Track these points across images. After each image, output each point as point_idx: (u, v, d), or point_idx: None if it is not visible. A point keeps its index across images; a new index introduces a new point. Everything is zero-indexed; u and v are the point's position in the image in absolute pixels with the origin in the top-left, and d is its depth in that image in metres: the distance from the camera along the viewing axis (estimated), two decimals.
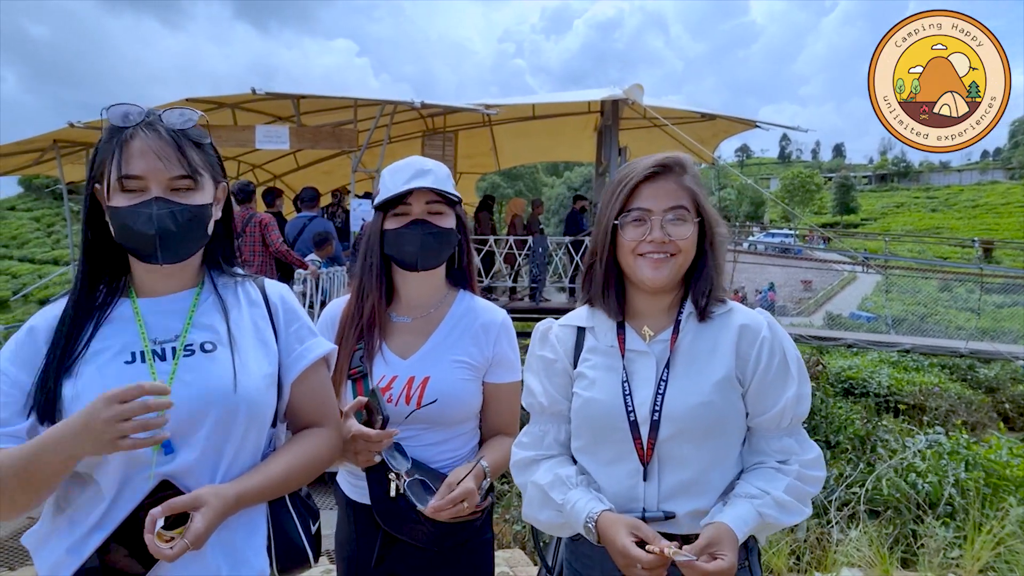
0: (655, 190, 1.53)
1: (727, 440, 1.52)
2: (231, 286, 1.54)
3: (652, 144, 13.99)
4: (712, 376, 1.50)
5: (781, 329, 1.56)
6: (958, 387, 12.76)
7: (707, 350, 1.53)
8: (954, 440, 5.49)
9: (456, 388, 1.82)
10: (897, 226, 62.72)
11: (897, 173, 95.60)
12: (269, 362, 1.48)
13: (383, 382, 1.81)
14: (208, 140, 1.47)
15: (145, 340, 1.39)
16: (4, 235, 42.87)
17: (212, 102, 9.34)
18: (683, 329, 1.55)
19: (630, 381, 1.54)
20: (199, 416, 1.34)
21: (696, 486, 1.50)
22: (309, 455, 1.49)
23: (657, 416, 1.48)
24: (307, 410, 1.55)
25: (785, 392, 1.49)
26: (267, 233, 7.32)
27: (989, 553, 3.49)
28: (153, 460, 1.32)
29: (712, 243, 1.58)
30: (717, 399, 1.48)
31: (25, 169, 10.59)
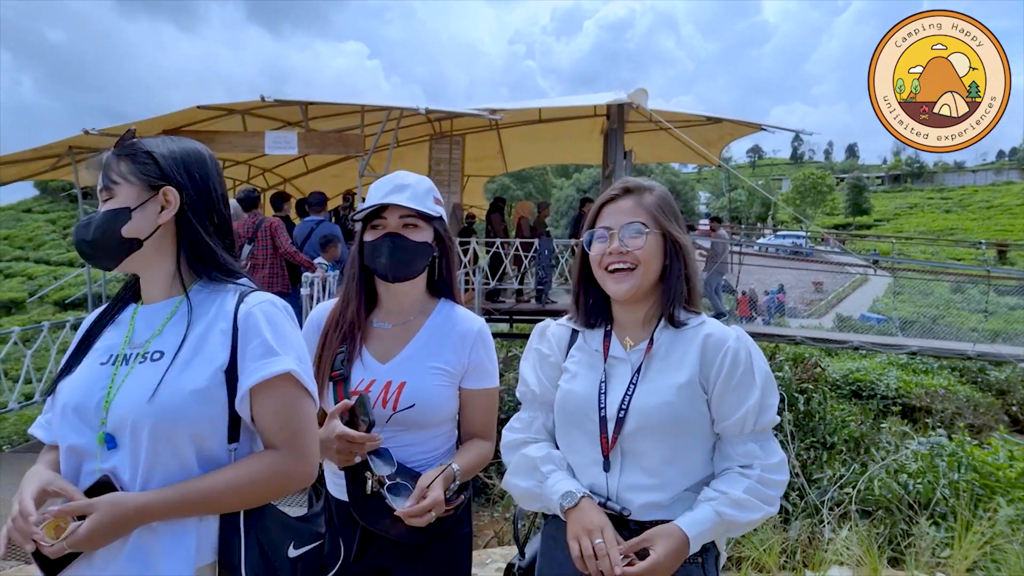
0: (615, 209, 1.73)
1: (687, 440, 1.63)
2: (213, 296, 1.55)
3: (658, 147, 14.04)
4: (676, 380, 1.63)
5: (751, 343, 1.67)
6: (967, 390, 12.74)
7: (676, 358, 1.66)
8: (957, 442, 5.52)
9: (431, 393, 1.89)
10: (910, 227, 62.27)
11: (911, 174, 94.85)
12: (207, 376, 1.45)
13: (361, 385, 1.88)
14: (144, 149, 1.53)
15: (125, 344, 1.49)
16: (20, 237, 43.28)
17: (223, 109, 9.47)
18: (657, 340, 1.70)
19: (607, 383, 1.70)
20: (123, 422, 1.40)
21: (653, 480, 1.62)
22: (243, 478, 1.44)
23: (623, 414, 1.63)
24: (264, 430, 1.50)
25: (747, 400, 1.60)
26: (276, 236, 7.44)
27: (977, 552, 3.54)
28: (99, 455, 1.41)
29: (676, 256, 1.71)
30: (677, 401, 1.61)
31: (42, 174, 10.76)
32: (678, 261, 1.71)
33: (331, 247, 7.85)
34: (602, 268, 1.71)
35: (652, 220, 1.70)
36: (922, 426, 8.87)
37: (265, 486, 1.47)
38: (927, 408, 10.68)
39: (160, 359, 1.44)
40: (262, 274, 7.42)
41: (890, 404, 11.17)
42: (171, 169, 1.53)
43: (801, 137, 49.10)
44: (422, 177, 2.00)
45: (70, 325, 9.60)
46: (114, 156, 1.54)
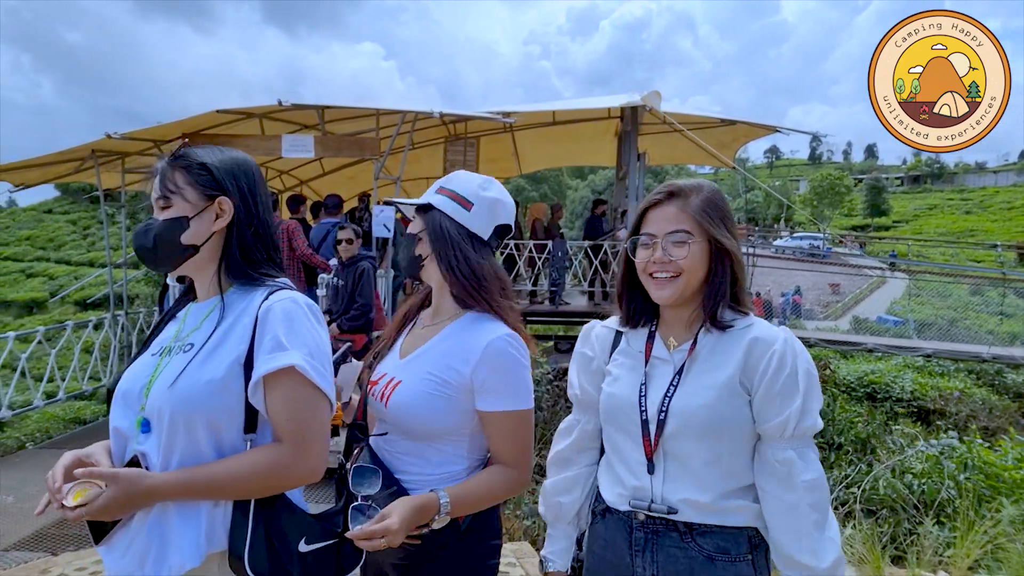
0: (659, 216, 1.71)
1: (729, 443, 1.62)
2: (246, 295, 1.64)
3: (672, 149, 14.05)
4: (716, 381, 1.62)
5: (799, 345, 1.64)
6: (983, 392, 12.64)
7: (718, 360, 1.65)
8: (968, 444, 5.53)
9: (417, 400, 1.74)
10: (930, 229, 61.67)
11: (931, 174, 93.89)
12: (223, 368, 1.52)
13: (376, 376, 1.87)
14: (198, 160, 1.64)
15: (173, 337, 1.64)
16: (42, 238, 43.84)
17: (241, 112, 9.60)
18: (701, 341, 1.68)
19: (648, 384, 1.71)
20: (154, 408, 1.52)
21: (696, 481, 1.63)
22: (243, 468, 1.49)
23: (663, 415, 1.64)
24: (273, 423, 1.55)
25: (791, 404, 1.57)
26: (293, 238, 7.57)
27: (979, 551, 3.58)
28: (136, 437, 1.55)
29: (721, 260, 1.68)
30: (717, 403, 1.60)
31: (66, 177, 10.97)
32: (723, 265, 1.68)
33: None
34: (646, 274, 1.71)
35: (696, 227, 1.67)
36: (935, 428, 8.84)
37: (264, 478, 1.50)
38: (941, 411, 10.63)
39: (189, 351, 1.56)
40: None
41: (904, 406, 11.12)
42: (224, 179, 1.66)
43: (819, 137, 49.00)
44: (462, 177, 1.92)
45: (92, 325, 9.77)
46: (169, 166, 1.64)
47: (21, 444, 8.16)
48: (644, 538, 1.69)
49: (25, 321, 29.87)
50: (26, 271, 38.14)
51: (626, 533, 1.72)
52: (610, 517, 1.77)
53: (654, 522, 1.68)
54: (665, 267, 1.66)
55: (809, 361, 1.62)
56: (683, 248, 1.65)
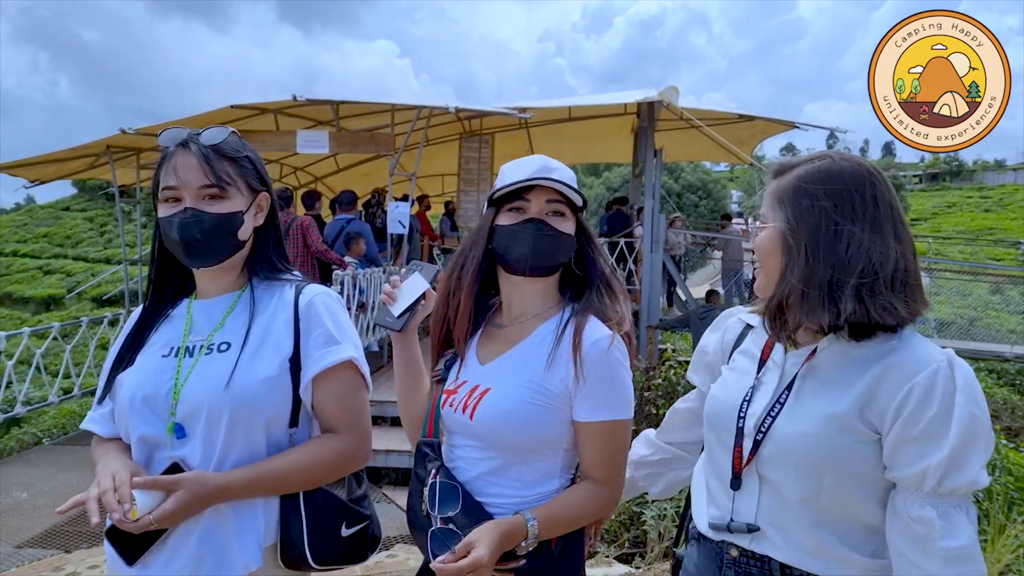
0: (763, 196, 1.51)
1: (831, 482, 1.31)
2: (272, 290, 1.63)
3: (689, 145, 13.96)
4: (827, 409, 1.32)
5: (963, 376, 1.25)
6: (1005, 392, 12.47)
7: (841, 377, 1.35)
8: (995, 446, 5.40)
9: (513, 408, 1.55)
10: (948, 226, 61.07)
11: (949, 172, 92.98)
12: (276, 366, 1.53)
13: (454, 384, 1.65)
14: (244, 153, 1.60)
15: (185, 337, 1.56)
16: (59, 235, 44.21)
17: (256, 108, 9.61)
18: (822, 350, 1.38)
19: (755, 390, 1.46)
20: (198, 410, 1.48)
21: (788, 514, 1.37)
22: (311, 459, 1.54)
23: (762, 435, 1.39)
24: (325, 414, 1.59)
25: (934, 453, 1.21)
26: (308, 234, 7.56)
27: (1010, 555, 3.49)
28: (168, 443, 1.48)
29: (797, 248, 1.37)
30: (824, 435, 1.31)
31: (81, 173, 11.03)
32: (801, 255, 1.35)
33: (355, 244, 7.95)
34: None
35: (773, 209, 1.42)
36: None
37: (330, 467, 1.58)
38: None
39: (228, 350, 1.53)
40: None
41: None
42: (264, 175, 1.65)
43: (836, 135, 48.64)
44: (563, 164, 1.67)
45: (108, 321, 9.81)
46: (216, 154, 1.53)
47: (38, 440, 8.20)
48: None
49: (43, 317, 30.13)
50: (43, 268, 38.46)
51: (716, 568, 1.48)
52: (703, 545, 1.53)
53: (747, 561, 1.41)
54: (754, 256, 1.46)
55: (975, 399, 1.23)
56: (759, 234, 1.45)
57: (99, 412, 1.61)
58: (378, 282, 8.24)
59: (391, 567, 4.13)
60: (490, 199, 1.67)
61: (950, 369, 1.25)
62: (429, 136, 10.22)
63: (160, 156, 1.56)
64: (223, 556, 1.47)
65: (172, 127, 1.57)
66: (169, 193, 1.50)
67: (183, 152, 1.51)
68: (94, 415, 1.62)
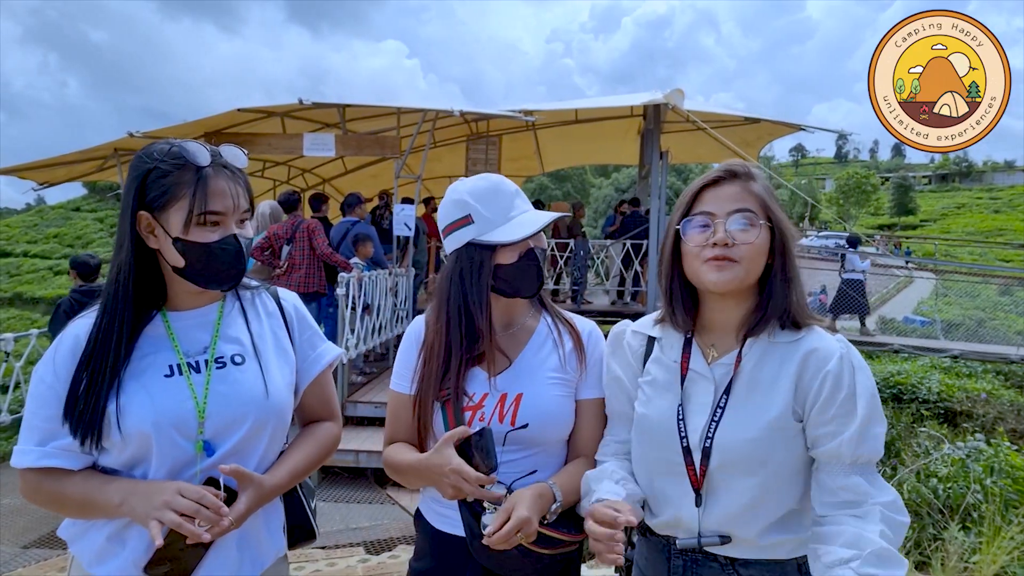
0: (718, 194, 1.49)
1: (775, 474, 1.43)
2: (249, 298, 1.67)
3: (696, 147, 13.95)
4: (767, 413, 1.43)
5: (857, 359, 1.43)
6: (1011, 394, 12.42)
7: (769, 379, 1.45)
8: (995, 447, 5.43)
9: (552, 405, 1.70)
10: (958, 228, 60.75)
11: (959, 173, 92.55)
12: (290, 370, 1.64)
13: (474, 400, 1.69)
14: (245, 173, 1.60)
15: (180, 354, 1.51)
16: (70, 235, 44.40)
17: (262, 111, 9.67)
18: (747, 353, 1.48)
19: (686, 405, 1.50)
20: (237, 422, 1.50)
21: (741, 514, 1.45)
22: (322, 448, 1.70)
23: (709, 444, 1.44)
24: (315, 408, 1.74)
25: (846, 429, 1.37)
26: (313, 237, 7.60)
27: (1006, 557, 3.50)
28: (198, 459, 1.47)
29: (784, 253, 1.48)
30: (767, 437, 1.42)
31: (88, 175, 11.11)
32: (786, 259, 1.48)
33: (362, 246, 7.99)
34: (700, 260, 1.47)
35: (762, 209, 1.47)
36: (962, 431, 8.70)
37: (330, 451, 1.73)
38: (968, 412, 10.46)
39: (244, 362, 1.55)
40: (299, 274, 7.60)
41: (931, 408, 10.95)
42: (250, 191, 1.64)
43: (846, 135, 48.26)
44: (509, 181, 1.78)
45: None
46: (242, 176, 1.54)
47: None
48: (683, 566, 1.53)
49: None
50: (53, 268, 38.63)
51: (664, 559, 1.56)
52: (650, 539, 1.61)
53: (694, 550, 1.51)
54: (727, 251, 1.43)
55: (869, 377, 1.42)
56: (749, 231, 1.44)
57: (58, 445, 1.44)
58: (384, 284, 8.29)
59: (393, 567, 4.17)
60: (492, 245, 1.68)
61: (849, 354, 1.42)
62: (436, 138, 10.26)
63: (178, 170, 1.45)
64: (258, 551, 1.58)
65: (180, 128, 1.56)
66: (215, 218, 1.46)
67: (222, 174, 1.48)
68: (53, 450, 1.43)
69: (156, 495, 1.36)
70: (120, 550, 1.46)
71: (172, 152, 1.46)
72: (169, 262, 1.49)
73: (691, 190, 1.53)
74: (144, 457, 1.45)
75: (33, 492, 1.47)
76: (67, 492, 1.43)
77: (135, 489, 1.40)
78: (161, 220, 1.46)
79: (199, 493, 1.36)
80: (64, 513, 1.50)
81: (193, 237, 1.45)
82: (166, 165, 1.45)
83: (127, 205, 1.48)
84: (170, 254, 1.47)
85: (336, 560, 4.32)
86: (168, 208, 1.45)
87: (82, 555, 1.50)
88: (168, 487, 1.37)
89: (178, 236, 1.45)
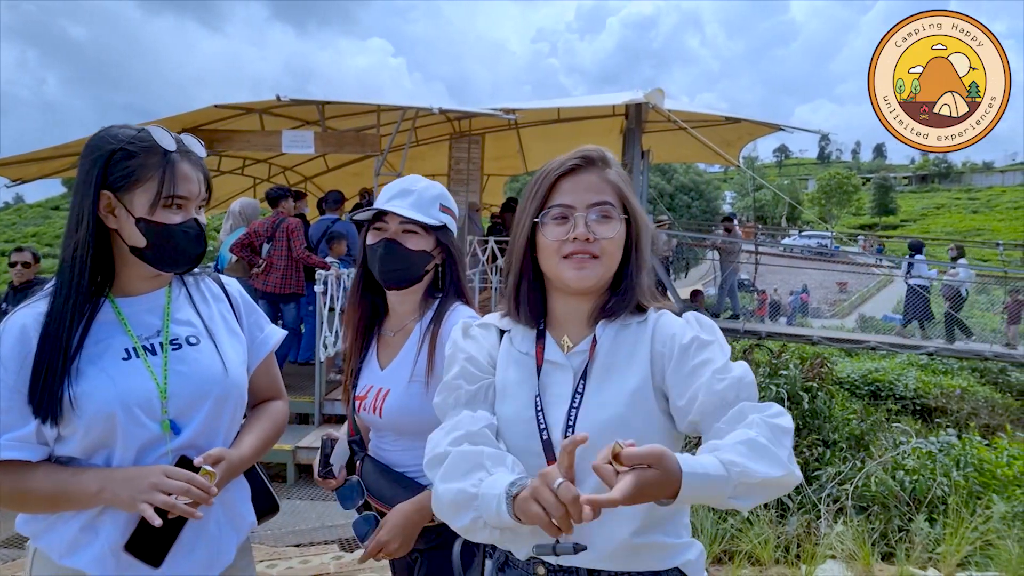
0: (576, 184, 1.41)
1: None
2: (193, 282, 1.71)
3: (677, 147, 14.02)
4: (625, 387, 1.35)
5: (703, 319, 1.40)
6: (986, 390, 12.61)
7: (624, 359, 1.39)
8: (965, 442, 5.52)
9: (409, 403, 1.84)
10: (937, 228, 61.44)
11: (938, 174, 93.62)
12: (243, 349, 1.71)
13: (362, 391, 1.94)
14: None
15: (134, 337, 1.52)
16: (49, 234, 44.01)
17: (240, 108, 9.61)
18: (600, 336, 1.41)
19: (543, 395, 1.41)
20: (199, 400, 1.54)
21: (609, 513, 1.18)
22: (276, 425, 1.79)
23: (570, 433, 1.33)
24: (264, 387, 1.82)
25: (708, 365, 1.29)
26: (292, 239, 7.56)
27: (969, 547, 3.57)
28: (168, 439, 1.50)
29: (638, 244, 1.45)
30: (630, 412, 1.33)
31: (64, 172, 10.98)
32: (639, 248, 1.45)
33: (337, 244, 8.00)
34: (559, 255, 1.39)
35: (619, 200, 1.42)
36: (936, 426, 8.83)
37: (282, 429, 1.82)
38: (943, 408, 10.63)
39: (199, 343, 1.60)
40: (276, 275, 7.56)
41: (907, 404, 11.11)
42: None
43: (828, 136, 48.49)
44: (433, 183, 1.93)
45: None
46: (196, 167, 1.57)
47: None
48: None
49: None
50: None
51: None
52: (509, 571, 1.44)
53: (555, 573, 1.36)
54: (587, 247, 1.37)
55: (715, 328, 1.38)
56: (608, 225, 1.39)
57: (14, 437, 1.41)
58: None
59: (366, 564, 4.17)
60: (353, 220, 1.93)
61: (695, 316, 1.41)
62: (419, 136, 10.25)
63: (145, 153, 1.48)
64: (235, 525, 1.67)
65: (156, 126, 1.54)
66: (180, 201, 1.51)
67: (187, 161, 1.53)
68: (9, 442, 1.41)
69: (140, 479, 1.40)
70: (94, 538, 1.46)
71: (140, 136, 1.49)
72: (128, 242, 1.50)
73: (547, 180, 1.43)
74: (106, 441, 1.45)
75: None
76: (32, 486, 1.42)
77: (113, 476, 1.42)
78: (124, 200, 1.48)
79: (187, 474, 1.42)
80: (27, 509, 1.49)
81: (158, 218, 1.48)
82: (133, 147, 1.47)
83: (88, 183, 1.48)
84: (131, 234, 1.49)
85: (310, 558, 4.32)
86: (133, 189, 1.47)
87: (51, 548, 1.49)
88: (153, 470, 1.42)
89: (142, 216, 1.47)
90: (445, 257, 1.94)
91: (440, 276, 1.98)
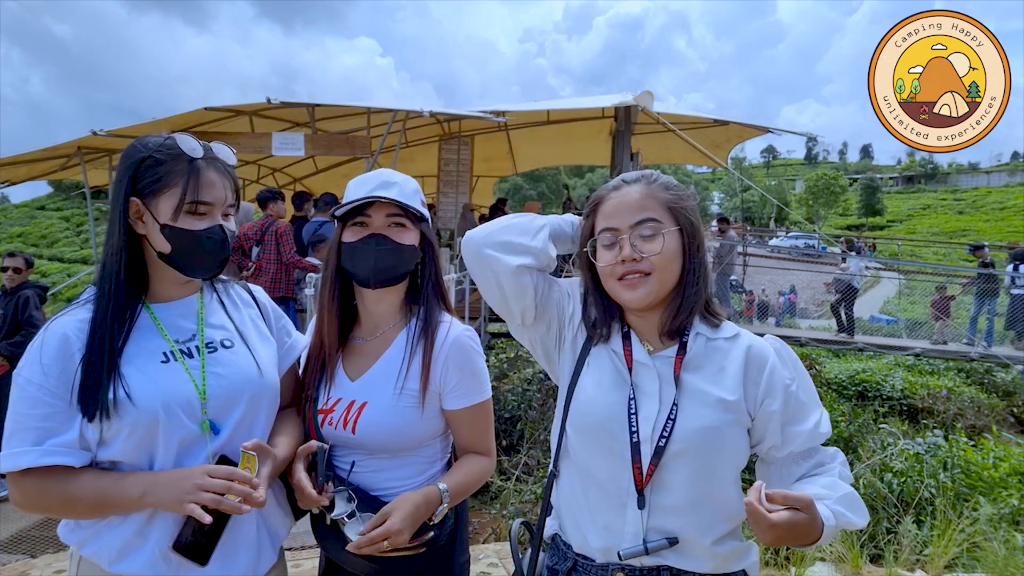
0: (619, 205, 1.46)
1: (724, 470, 1.41)
2: (224, 290, 1.75)
3: (667, 149, 14.10)
4: (720, 400, 1.40)
5: (791, 354, 1.49)
6: (972, 391, 12.71)
7: (714, 371, 1.43)
8: (951, 443, 5.57)
9: (393, 418, 1.70)
10: (923, 228, 61.90)
11: (924, 175, 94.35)
12: (274, 353, 1.74)
13: (328, 403, 1.75)
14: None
15: (170, 341, 1.56)
16: (34, 234, 43.67)
17: (230, 110, 9.59)
18: (690, 348, 1.45)
19: (636, 397, 1.43)
20: (236, 401, 1.58)
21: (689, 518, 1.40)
22: (299, 424, 1.78)
23: (664, 441, 1.38)
24: (287, 393, 1.81)
25: (806, 422, 1.44)
26: (281, 243, 7.54)
27: (956, 549, 3.61)
28: (208, 439, 1.54)
29: (692, 253, 1.47)
30: (724, 424, 1.39)
31: (52, 174, 10.96)
32: (698, 258, 1.47)
33: (321, 247, 7.98)
34: (614, 278, 1.45)
35: (666, 213, 1.45)
36: (923, 427, 8.90)
37: (303, 433, 1.79)
38: (930, 409, 10.70)
39: (233, 346, 1.63)
40: (266, 279, 7.52)
41: (895, 405, 11.18)
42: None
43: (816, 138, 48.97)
44: (408, 177, 1.81)
45: None
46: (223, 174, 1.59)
47: None
48: None
49: None
50: None
51: None
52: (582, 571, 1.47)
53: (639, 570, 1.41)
54: (636, 266, 1.41)
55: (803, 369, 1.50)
56: (654, 241, 1.42)
57: (58, 442, 1.42)
58: None
59: None
60: (335, 216, 1.78)
61: (783, 350, 1.48)
62: (409, 138, 10.25)
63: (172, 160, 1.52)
64: (276, 524, 1.70)
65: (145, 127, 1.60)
66: (204, 208, 1.53)
67: (212, 167, 1.55)
68: (53, 447, 1.42)
69: (184, 480, 1.42)
70: (144, 543, 1.49)
71: (167, 143, 1.53)
72: (155, 247, 1.54)
73: (589, 207, 1.54)
74: (149, 443, 1.48)
75: (35, 496, 1.44)
76: (77, 492, 1.43)
77: (156, 480, 1.44)
78: (151, 206, 1.51)
79: (229, 470, 1.43)
80: (72, 515, 1.51)
81: (181, 224, 1.51)
82: (160, 155, 1.52)
83: (119, 192, 1.53)
84: (157, 240, 1.53)
85: (301, 561, 4.32)
86: (159, 195, 1.51)
87: (99, 555, 1.50)
88: (195, 471, 1.43)
89: (166, 223, 1.51)
90: (424, 253, 1.82)
91: (419, 273, 1.84)
